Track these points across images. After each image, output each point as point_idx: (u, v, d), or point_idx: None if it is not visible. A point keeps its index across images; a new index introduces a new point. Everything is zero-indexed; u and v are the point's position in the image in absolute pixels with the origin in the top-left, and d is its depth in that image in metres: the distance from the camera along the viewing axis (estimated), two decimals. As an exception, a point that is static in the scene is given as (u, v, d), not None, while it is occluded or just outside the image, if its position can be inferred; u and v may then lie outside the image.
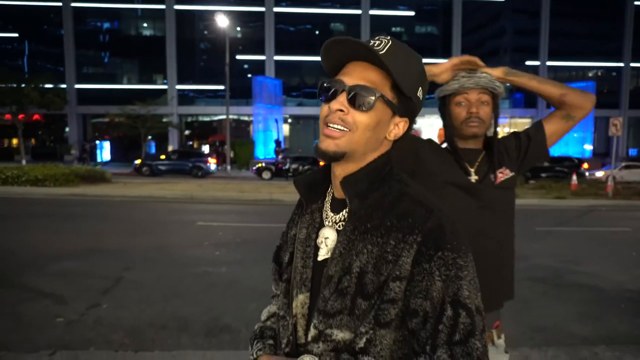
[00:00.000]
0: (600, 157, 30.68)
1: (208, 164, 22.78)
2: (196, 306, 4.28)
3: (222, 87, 29.68)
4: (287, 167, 21.44)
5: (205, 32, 34.93)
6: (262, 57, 34.72)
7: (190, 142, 37.29)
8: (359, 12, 35.19)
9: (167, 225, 8.68)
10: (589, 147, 31.16)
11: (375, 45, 0.83)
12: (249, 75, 32.51)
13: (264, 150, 28.74)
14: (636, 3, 35.40)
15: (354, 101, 0.83)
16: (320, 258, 0.89)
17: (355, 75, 0.84)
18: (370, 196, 0.85)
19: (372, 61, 0.84)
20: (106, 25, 36.32)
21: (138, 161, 22.94)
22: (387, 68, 0.81)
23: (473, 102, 1.55)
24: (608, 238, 8.32)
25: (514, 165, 1.63)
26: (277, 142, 25.78)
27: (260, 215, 10.45)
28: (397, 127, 0.88)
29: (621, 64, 36.25)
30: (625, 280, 5.47)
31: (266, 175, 21.37)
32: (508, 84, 1.70)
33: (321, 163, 0.96)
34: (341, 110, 0.83)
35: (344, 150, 0.83)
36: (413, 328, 0.77)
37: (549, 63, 35.94)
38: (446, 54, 35.66)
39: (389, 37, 0.85)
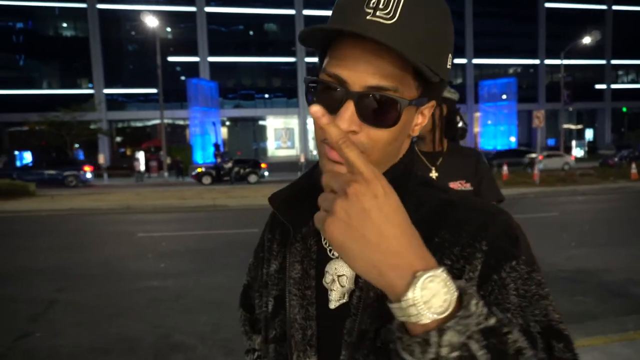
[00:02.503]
0: (524, 147, 32.97)
1: (83, 172, 20.57)
2: (143, 324, 3.99)
3: (154, 91, 28.44)
4: (227, 170, 20.90)
5: (133, 32, 33.25)
6: (196, 59, 33.69)
7: (123, 149, 35.33)
8: (292, 12, 35.20)
9: (104, 238, 8.09)
10: (513, 139, 33.44)
11: (380, 8, 0.54)
12: (183, 78, 31.40)
13: (203, 155, 27.90)
14: (547, 5, 38.50)
15: (370, 116, 0.56)
16: (333, 305, 0.64)
17: (361, 69, 0.55)
18: None
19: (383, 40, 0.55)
20: (19, 24, 33.42)
21: None
22: (406, 56, 0.53)
23: None
24: (539, 223, 8.89)
25: (474, 183, 1.83)
26: (216, 146, 25.10)
27: (204, 222, 10.07)
28: (422, 116, 0.64)
29: (537, 61, 39.24)
30: (559, 262, 5.84)
31: (206, 180, 20.70)
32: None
33: (263, 165, 0.74)
34: (352, 131, 0.56)
35: None
36: None
37: (474, 61, 38.11)
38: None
39: None
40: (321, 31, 0.56)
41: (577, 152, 33.07)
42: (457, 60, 38.70)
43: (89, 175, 20.96)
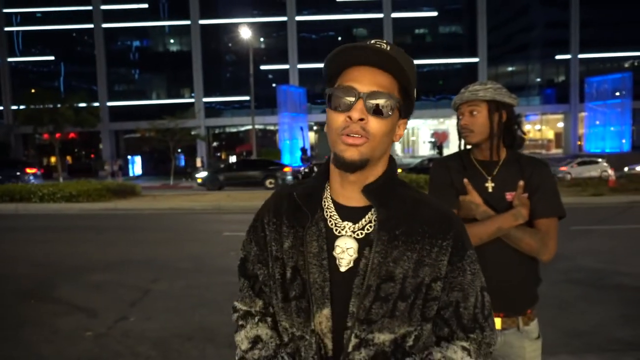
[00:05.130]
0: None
1: (27, 175, 19.78)
2: (221, 316, 4.27)
3: (247, 98, 30.10)
4: (305, 174, 21.42)
5: (230, 44, 35.62)
6: (286, 66, 35.07)
7: (218, 153, 37.94)
8: (381, 15, 35.09)
9: (194, 236, 8.79)
10: (625, 141, 29.89)
11: (378, 42, 0.86)
12: (274, 85, 32.88)
13: (291, 159, 28.90)
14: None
15: (373, 109, 0.85)
16: (344, 269, 0.89)
17: (366, 81, 0.85)
18: (391, 204, 0.89)
19: (379, 65, 0.85)
20: (136, 43, 37.63)
21: None
22: (400, 69, 0.84)
23: (465, 115, 1.70)
24: (651, 235, 7.89)
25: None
26: (303, 150, 25.87)
27: (286, 223, 10.43)
28: (400, 129, 0.93)
29: (659, 53, 34.65)
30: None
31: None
32: (538, 80, 1.68)
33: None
34: (361, 119, 0.84)
35: (367, 157, 0.85)
36: (447, 317, 0.90)
37: (580, 56, 34.72)
38: (472, 52, 35.05)
39: (385, 41, 0.87)
40: (351, 49, 0.86)
41: None
42: (559, 57, 35.59)
43: (32, 178, 19.94)
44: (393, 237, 0.87)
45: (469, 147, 1.76)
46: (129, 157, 34.32)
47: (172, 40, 37.68)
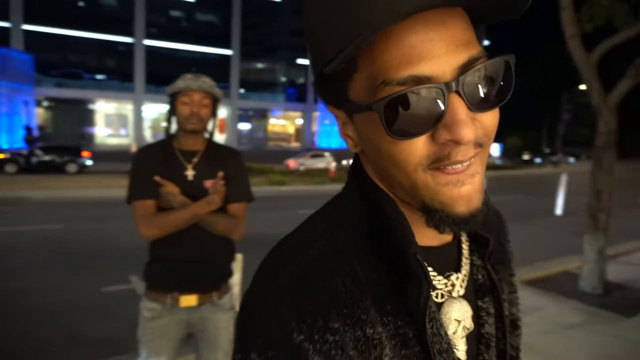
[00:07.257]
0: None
1: None
2: None
3: (-58, 57, 23.19)
4: (25, 157, 18.07)
5: None
6: (6, 25, 28.58)
7: None
8: (134, -10, 32.39)
9: None
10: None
11: None
12: (-13, 46, 26.29)
13: (10, 139, 23.82)
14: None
15: (484, 99, 0.43)
16: (464, 355, 0.53)
17: (438, 50, 0.40)
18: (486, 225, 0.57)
19: (439, 1, 0.39)
20: None
21: None
22: None
23: (195, 103, 1.75)
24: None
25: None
26: (28, 129, 21.66)
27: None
28: None
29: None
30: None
31: (11, 168, 17.68)
32: (283, 79, 1.79)
33: (85, 153, 0.60)
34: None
35: (484, 185, 0.47)
36: None
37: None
38: (226, 45, 36.25)
39: None
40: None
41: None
42: (300, 61, 40.54)
43: None
44: (498, 272, 0.57)
45: (184, 136, 1.84)
46: None
47: None
